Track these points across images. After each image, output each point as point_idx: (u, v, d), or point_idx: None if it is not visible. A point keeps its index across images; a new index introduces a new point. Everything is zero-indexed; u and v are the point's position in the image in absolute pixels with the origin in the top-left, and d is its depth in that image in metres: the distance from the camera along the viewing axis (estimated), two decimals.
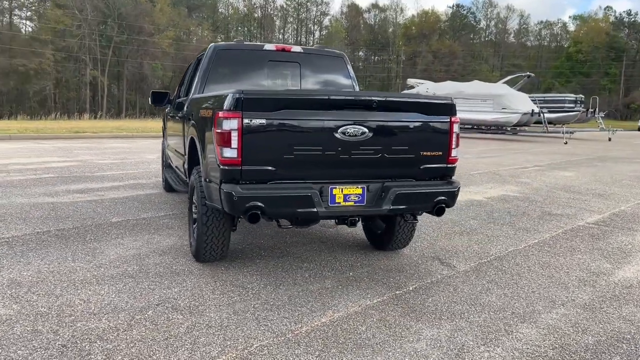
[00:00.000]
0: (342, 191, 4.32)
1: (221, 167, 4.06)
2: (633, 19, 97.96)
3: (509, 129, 29.42)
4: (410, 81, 34.83)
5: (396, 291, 4.48)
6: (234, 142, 3.97)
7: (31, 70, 56.73)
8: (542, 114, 28.29)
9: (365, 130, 4.24)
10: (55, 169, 11.24)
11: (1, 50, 57.32)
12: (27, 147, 16.85)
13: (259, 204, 3.99)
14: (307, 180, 4.25)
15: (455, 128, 4.57)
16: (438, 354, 3.39)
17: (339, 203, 4.33)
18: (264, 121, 4.00)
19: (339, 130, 4.17)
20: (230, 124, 3.95)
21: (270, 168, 4.09)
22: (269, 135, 4.05)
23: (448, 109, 4.53)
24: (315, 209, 4.13)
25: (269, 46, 5.99)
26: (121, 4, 62.63)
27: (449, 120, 4.53)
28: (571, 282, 4.87)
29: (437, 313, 4.05)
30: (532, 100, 29.25)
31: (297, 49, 6.08)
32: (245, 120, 3.96)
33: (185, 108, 5.89)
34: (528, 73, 31.95)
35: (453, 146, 4.59)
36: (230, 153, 3.99)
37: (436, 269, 5.10)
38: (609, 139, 29.91)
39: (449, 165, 4.63)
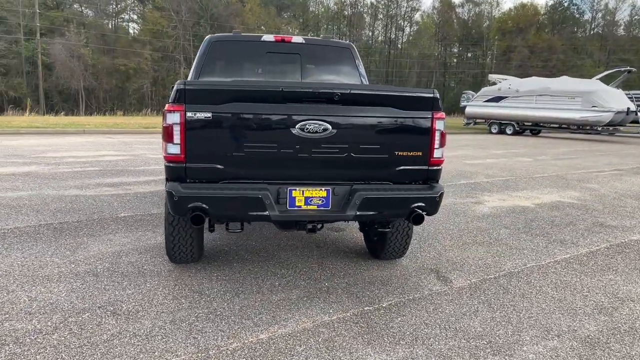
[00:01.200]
0: (302, 193, 3.91)
1: (166, 164, 3.80)
2: None
3: (599, 128, 26.99)
4: (492, 77, 32.90)
5: (365, 307, 3.99)
6: (176, 138, 3.69)
7: (131, 69, 60.36)
8: (639, 113, 25.67)
9: (327, 126, 3.79)
10: (103, 163, 11.61)
11: (106, 50, 61.51)
12: (94, 140, 17.68)
13: (203, 205, 3.68)
14: (263, 180, 3.88)
15: (439, 125, 3.99)
16: None
17: (300, 206, 3.92)
18: (209, 115, 3.68)
19: (296, 126, 3.76)
20: (173, 118, 3.67)
21: (218, 166, 3.77)
22: (215, 131, 3.73)
23: (429, 103, 3.96)
24: (266, 212, 3.75)
25: (267, 37, 5.65)
26: (213, 5, 65.05)
27: (430, 116, 3.96)
28: (583, 309, 4.12)
29: (397, 337, 3.53)
30: (629, 98, 26.60)
31: (298, 39, 5.70)
32: (189, 114, 3.66)
33: None
34: (629, 68, 28.97)
35: (435, 146, 4.01)
36: (174, 149, 3.71)
37: (427, 284, 4.53)
38: None
39: (430, 168, 4.05)
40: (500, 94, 29.64)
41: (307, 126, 3.76)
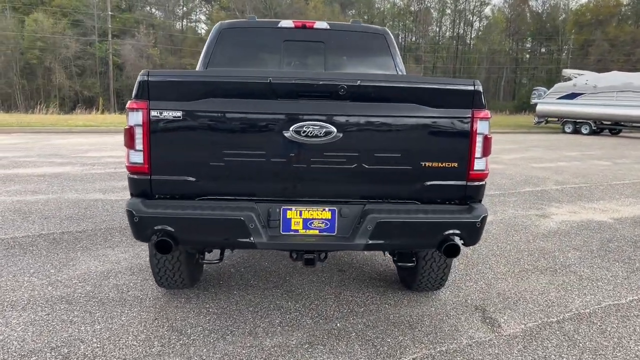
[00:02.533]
0: (300, 214, 3.05)
1: (128, 175, 3.05)
2: None
3: None
4: (566, 72, 30.43)
5: None
6: (139, 143, 2.93)
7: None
8: None
9: (331, 128, 2.92)
10: None
11: (174, 50, 63.01)
12: None
13: (169, 228, 2.90)
14: (249, 197, 3.06)
15: (481, 127, 3.01)
16: None
17: (297, 231, 3.06)
18: (179, 114, 2.90)
19: (290, 129, 2.91)
20: (135, 118, 2.91)
21: (190, 179, 2.98)
22: (187, 134, 2.94)
23: (468, 97, 3.00)
24: (251, 239, 2.92)
25: (285, 23, 4.81)
26: (277, 3, 65.15)
27: (469, 115, 3.00)
28: None
29: None
30: None
31: (322, 24, 4.83)
32: (154, 113, 2.89)
33: None
34: None
35: (477, 154, 3.04)
36: (136, 157, 2.96)
37: (467, 328, 3.56)
38: None
39: (470, 183, 3.09)
40: (575, 90, 27.37)
41: (304, 129, 2.90)
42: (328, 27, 4.82)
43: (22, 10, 54.39)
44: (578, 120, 27.72)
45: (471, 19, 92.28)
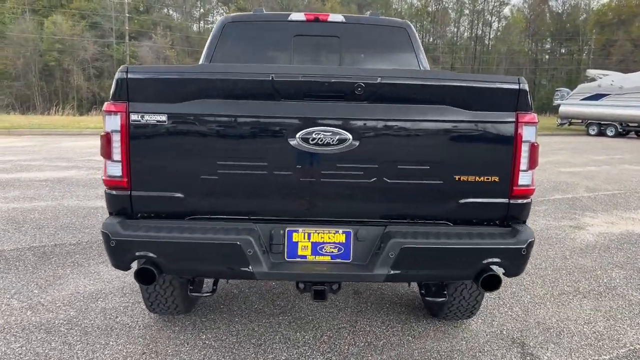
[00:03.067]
0: (308, 237, 2.56)
1: (105, 190, 2.58)
2: None
3: None
4: (591, 72, 29.47)
5: None
6: (117, 152, 2.47)
7: None
8: None
9: (346, 135, 2.42)
10: None
11: (190, 52, 63.00)
12: None
13: (151, 254, 2.42)
14: (248, 216, 2.57)
15: (527, 133, 2.49)
16: None
17: (304, 257, 2.57)
18: (164, 118, 2.42)
19: (297, 136, 2.42)
20: (112, 123, 2.45)
21: (178, 195, 2.50)
22: (174, 142, 2.47)
23: (511, 98, 2.48)
24: (249, 268, 2.43)
25: (296, 16, 4.32)
26: (294, 4, 64.80)
27: (512, 119, 2.48)
28: None
29: None
30: None
31: (336, 17, 4.33)
32: (134, 117, 2.42)
33: None
34: None
35: (522, 166, 2.52)
36: (113, 169, 2.49)
37: None
38: None
39: (513, 201, 2.57)
40: (600, 91, 26.47)
41: (313, 135, 2.41)
42: (344, 20, 4.33)
43: (42, 12, 54.86)
44: (603, 122, 26.82)
45: (490, 19, 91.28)
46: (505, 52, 77.76)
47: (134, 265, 2.56)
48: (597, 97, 26.52)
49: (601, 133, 26.96)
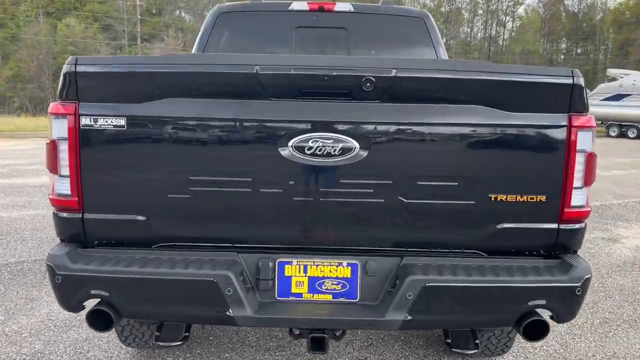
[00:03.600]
0: (304, 270, 2.05)
1: (53, 212, 2.09)
2: None
3: None
4: (611, 72, 28.55)
5: None
6: (64, 165, 1.98)
7: None
8: None
9: (352, 144, 1.91)
10: None
11: None
12: None
13: (105, 293, 1.92)
14: (229, 244, 2.07)
15: (583, 140, 1.96)
16: None
17: (299, 295, 2.05)
18: (122, 122, 1.92)
19: (289, 144, 1.91)
20: (59, 128, 1.96)
21: (140, 218, 2.00)
22: (136, 152, 1.97)
23: (563, 95, 1.95)
24: (228, 312, 1.92)
25: (298, 5, 3.80)
26: None
27: (564, 122, 1.95)
28: None
29: None
30: None
31: (344, 6, 3.81)
32: (85, 121, 1.93)
33: None
34: None
35: (576, 183, 1.99)
36: (61, 185, 2.00)
37: None
38: None
39: (563, 226, 2.03)
40: (621, 92, 25.60)
41: (310, 144, 1.90)
42: (352, 9, 3.80)
43: (55, 15, 55.11)
44: (624, 123, 25.96)
45: (504, 19, 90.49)
46: (519, 53, 76.86)
47: (91, 303, 2.07)
48: (618, 97, 25.67)
49: (622, 135, 26.09)
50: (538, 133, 1.96)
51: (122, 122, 1.92)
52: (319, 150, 1.91)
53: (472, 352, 2.58)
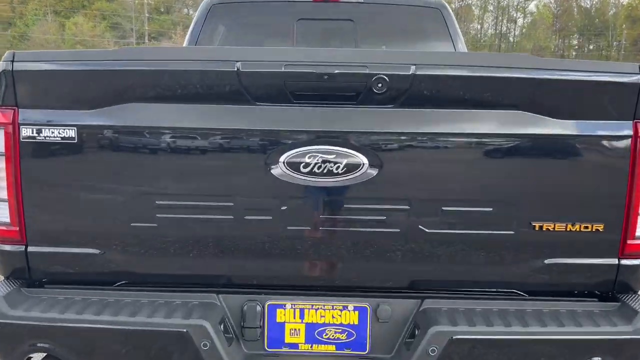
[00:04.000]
0: (301, 316, 1.66)
1: None
2: None
3: None
4: None
5: None
6: (1, 187, 1.61)
7: None
8: None
9: (359, 159, 1.52)
10: None
11: None
12: None
13: (49, 346, 1.55)
14: (204, 285, 1.69)
15: None
16: None
17: (295, 346, 1.67)
18: (72, 133, 1.54)
19: (281, 160, 1.52)
20: None
21: (95, 252, 1.61)
22: (88, 170, 1.59)
23: (627, 98, 1.54)
24: None
25: None
26: None
27: (629, 132, 1.54)
28: None
29: None
30: None
31: None
32: (26, 132, 1.55)
33: None
34: None
35: None
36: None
37: None
38: None
39: (625, 262, 1.63)
40: None
41: (307, 160, 1.51)
42: None
43: (64, 14, 55.35)
44: None
45: (515, 15, 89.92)
46: (530, 49, 76.47)
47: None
48: None
49: None
50: (594, 146, 1.56)
51: (71, 132, 1.54)
52: (318, 168, 1.51)
53: None
